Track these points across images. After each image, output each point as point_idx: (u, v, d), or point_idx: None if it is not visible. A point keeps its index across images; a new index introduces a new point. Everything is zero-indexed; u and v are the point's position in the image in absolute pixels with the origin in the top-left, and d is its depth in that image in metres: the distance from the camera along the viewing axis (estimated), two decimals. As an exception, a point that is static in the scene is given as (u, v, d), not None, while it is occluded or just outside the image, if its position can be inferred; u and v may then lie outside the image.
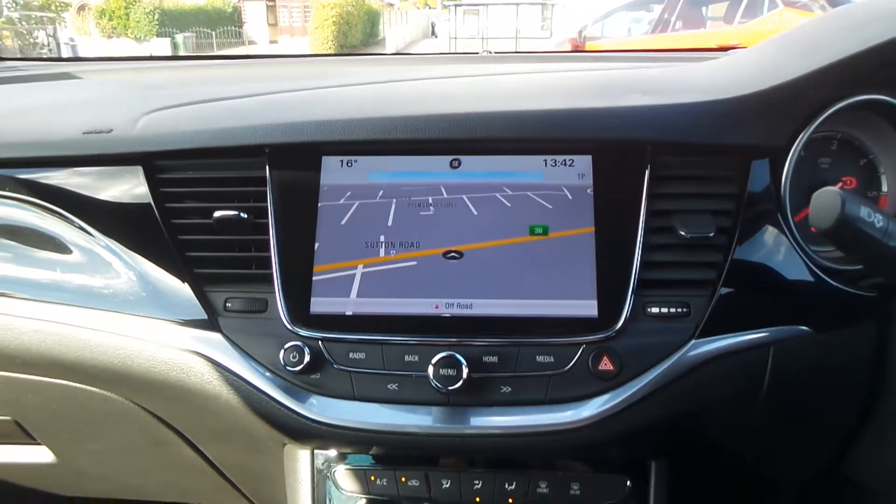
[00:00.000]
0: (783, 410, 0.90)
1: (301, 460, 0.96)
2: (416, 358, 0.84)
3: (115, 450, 1.16)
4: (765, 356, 0.84)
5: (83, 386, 1.00)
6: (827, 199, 0.68)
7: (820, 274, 0.87)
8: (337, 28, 21.77)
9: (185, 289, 0.90)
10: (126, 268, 0.93)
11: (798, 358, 0.86)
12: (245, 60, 1.92)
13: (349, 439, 0.85)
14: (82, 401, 1.03)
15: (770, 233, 0.88)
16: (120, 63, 1.75)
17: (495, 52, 1.76)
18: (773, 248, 0.87)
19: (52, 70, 1.61)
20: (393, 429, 0.83)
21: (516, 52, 3.49)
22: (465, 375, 0.80)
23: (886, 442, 0.96)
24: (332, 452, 0.95)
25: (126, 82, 1.46)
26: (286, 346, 0.84)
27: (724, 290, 0.85)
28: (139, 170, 0.95)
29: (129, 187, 0.95)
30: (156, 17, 22.51)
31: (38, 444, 1.19)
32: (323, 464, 0.95)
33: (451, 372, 0.81)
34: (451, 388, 0.80)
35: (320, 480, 0.95)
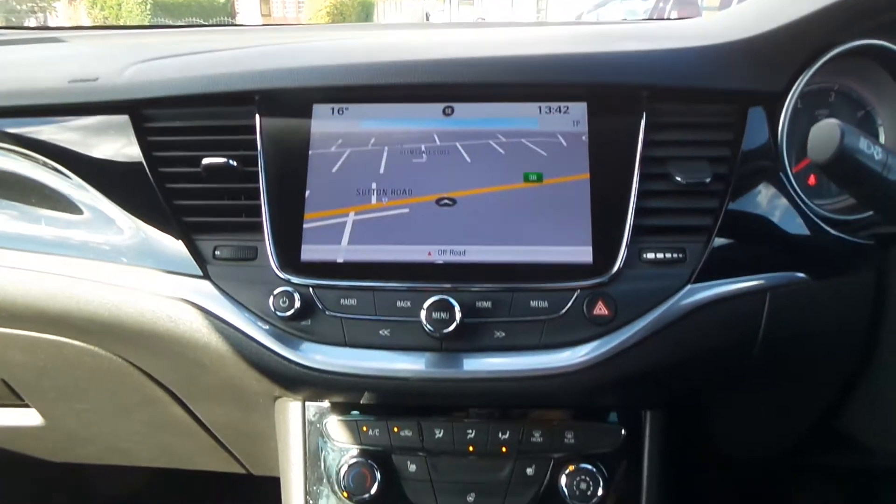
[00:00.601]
0: (778, 361, 0.89)
1: (292, 413, 0.95)
2: (408, 304, 0.83)
3: (103, 410, 1.14)
4: (761, 303, 0.83)
5: (70, 341, 0.98)
6: (826, 131, 0.67)
7: (817, 222, 0.86)
8: (331, 19, 21.69)
9: (173, 237, 0.88)
10: (113, 217, 0.91)
11: (794, 306, 0.85)
12: (236, 28, 1.90)
13: (340, 386, 0.84)
14: (70, 357, 1.01)
15: (767, 180, 0.87)
16: (109, 31, 1.73)
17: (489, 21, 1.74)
18: (770, 195, 0.86)
19: (39, 36, 1.59)
20: (385, 373, 0.82)
21: (512, 22, 3.48)
22: (457, 320, 0.79)
23: (881, 397, 0.95)
24: (324, 404, 0.94)
25: (114, 43, 1.44)
26: (275, 291, 0.83)
27: (720, 237, 0.84)
28: (126, 119, 0.93)
29: (117, 136, 0.93)
30: (148, 6, 22.30)
31: (26, 405, 1.18)
32: (314, 416, 0.94)
33: (443, 316, 0.79)
34: (443, 331, 0.79)
35: (312, 433, 0.94)
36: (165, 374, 1.02)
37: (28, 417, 1.20)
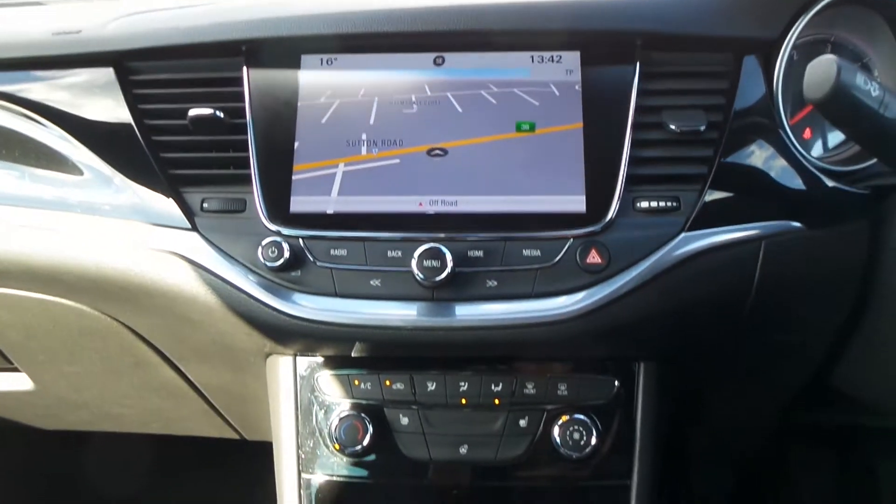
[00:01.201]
0: (773, 312, 0.88)
1: (283, 369, 0.94)
2: (399, 254, 0.82)
3: (93, 373, 1.13)
4: (755, 252, 0.83)
5: (57, 299, 0.97)
6: (822, 66, 0.66)
7: (813, 172, 0.85)
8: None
9: (160, 191, 0.87)
10: (99, 171, 0.90)
11: (789, 255, 0.84)
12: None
13: (331, 336, 0.83)
14: (57, 317, 1.00)
15: (763, 130, 0.86)
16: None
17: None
18: (766, 145, 0.86)
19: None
20: (376, 323, 0.81)
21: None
22: (449, 268, 0.78)
23: (874, 351, 0.95)
24: (315, 359, 0.93)
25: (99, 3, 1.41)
26: (264, 242, 0.82)
27: (714, 186, 0.83)
28: (111, 72, 0.91)
29: (102, 90, 0.92)
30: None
31: (16, 369, 1.16)
32: (305, 371, 0.93)
33: (434, 263, 0.78)
34: (435, 279, 0.78)
35: (303, 388, 0.93)
36: (154, 334, 1.01)
37: (19, 382, 1.19)
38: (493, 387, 0.89)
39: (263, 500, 1.10)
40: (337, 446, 0.88)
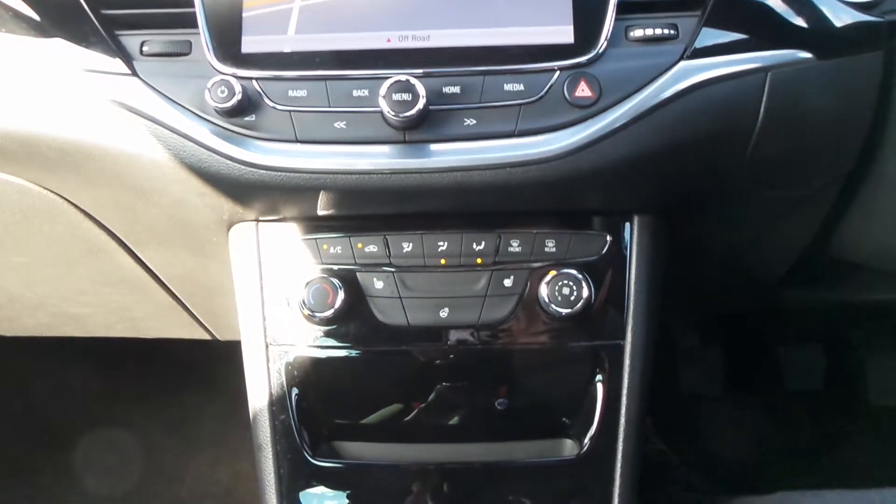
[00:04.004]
0: (776, 157, 0.81)
1: (245, 238, 0.86)
2: (366, 92, 0.73)
3: (44, 263, 1.05)
4: (760, 84, 0.75)
5: None
6: None
7: None
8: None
9: (93, 34, 0.77)
10: (21, 12, 0.79)
11: (796, 88, 0.76)
12: None
13: (292, 186, 0.74)
14: None
15: None
16: None
17: None
18: None
19: None
20: (343, 167, 0.73)
21: None
22: (421, 103, 0.70)
23: (880, 202, 0.90)
24: (279, 225, 0.86)
25: None
26: (212, 81, 0.72)
27: (716, 10, 0.75)
28: None
29: None
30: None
31: (-41, 265, 1.08)
32: (269, 238, 0.86)
33: (405, 97, 0.70)
34: (405, 115, 0.69)
35: (268, 256, 0.86)
36: (104, 211, 0.92)
37: (-38, 280, 1.10)
38: (474, 245, 0.82)
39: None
40: (306, 312, 0.82)
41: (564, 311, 0.80)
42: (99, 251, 0.99)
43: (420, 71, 0.73)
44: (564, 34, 0.74)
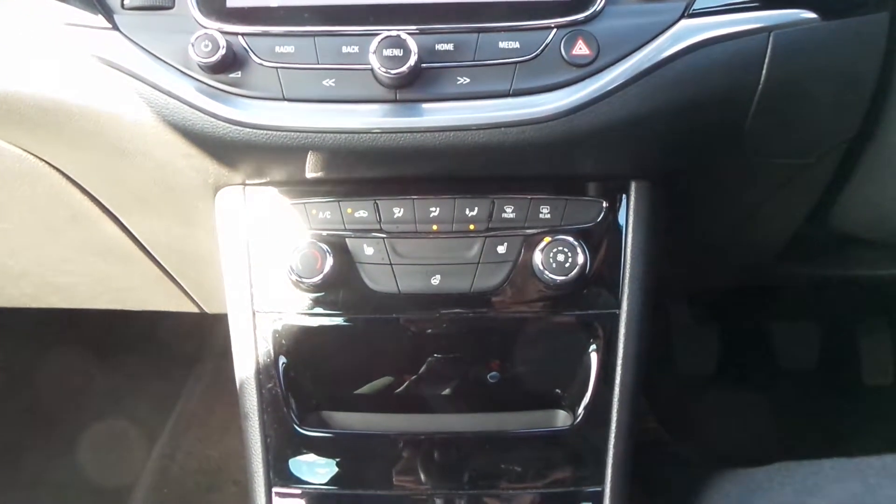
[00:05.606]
0: (778, 123, 0.79)
1: (232, 202, 0.84)
2: (356, 49, 0.70)
3: (27, 229, 1.02)
4: (763, 44, 0.73)
5: None
6: None
7: None
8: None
9: None
10: None
11: (800, 49, 0.74)
12: None
13: (279, 145, 0.72)
14: None
15: None
16: None
17: None
18: None
19: None
20: (332, 126, 0.70)
21: None
22: (413, 59, 0.67)
23: (879, 176, 0.88)
24: (267, 189, 0.83)
25: None
26: (195, 36, 0.69)
27: None
28: None
29: None
30: None
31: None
32: (256, 202, 0.83)
33: (396, 52, 0.67)
34: (395, 71, 0.67)
35: (255, 221, 0.84)
36: (87, 176, 0.89)
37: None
38: (467, 211, 0.80)
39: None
40: (294, 278, 0.79)
41: (559, 278, 0.78)
42: (83, 218, 0.97)
43: (413, 27, 0.70)
44: None
